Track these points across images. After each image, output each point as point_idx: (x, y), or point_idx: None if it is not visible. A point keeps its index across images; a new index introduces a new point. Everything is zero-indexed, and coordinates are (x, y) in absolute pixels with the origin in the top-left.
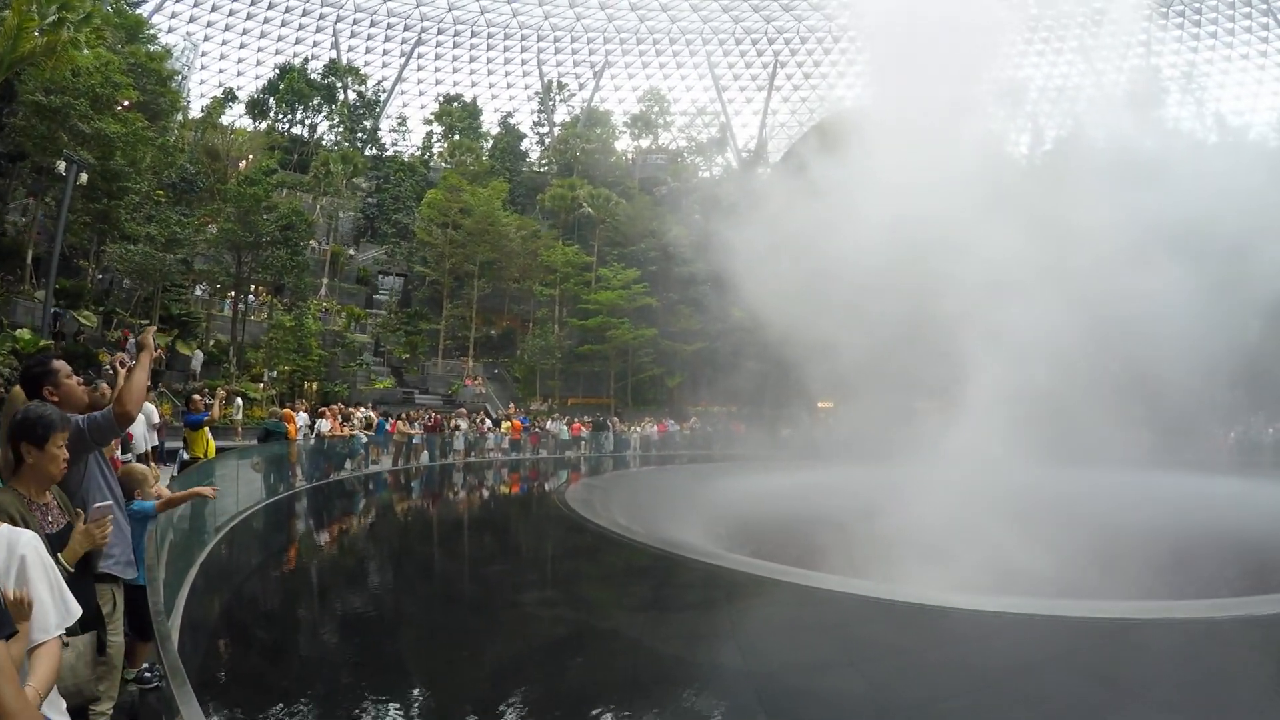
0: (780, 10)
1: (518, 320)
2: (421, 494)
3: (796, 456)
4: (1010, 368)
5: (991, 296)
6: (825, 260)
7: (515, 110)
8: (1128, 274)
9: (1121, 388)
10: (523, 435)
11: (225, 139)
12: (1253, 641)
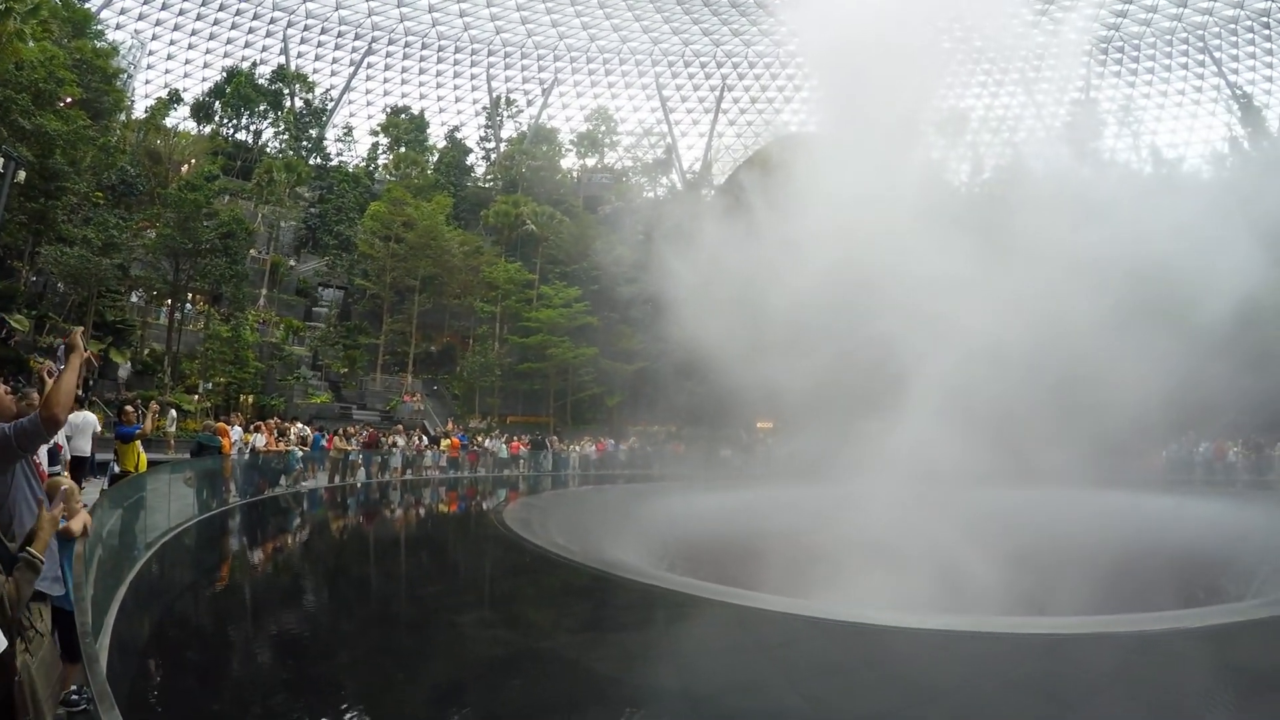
0: (729, 35)
1: (458, 337)
2: (358, 512)
3: (736, 476)
4: (946, 387)
5: (928, 317)
6: (764, 284)
7: (463, 124)
8: (1064, 298)
9: (1057, 408)
10: (461, 453)
11: (168, 142)
12: (1186, 653)
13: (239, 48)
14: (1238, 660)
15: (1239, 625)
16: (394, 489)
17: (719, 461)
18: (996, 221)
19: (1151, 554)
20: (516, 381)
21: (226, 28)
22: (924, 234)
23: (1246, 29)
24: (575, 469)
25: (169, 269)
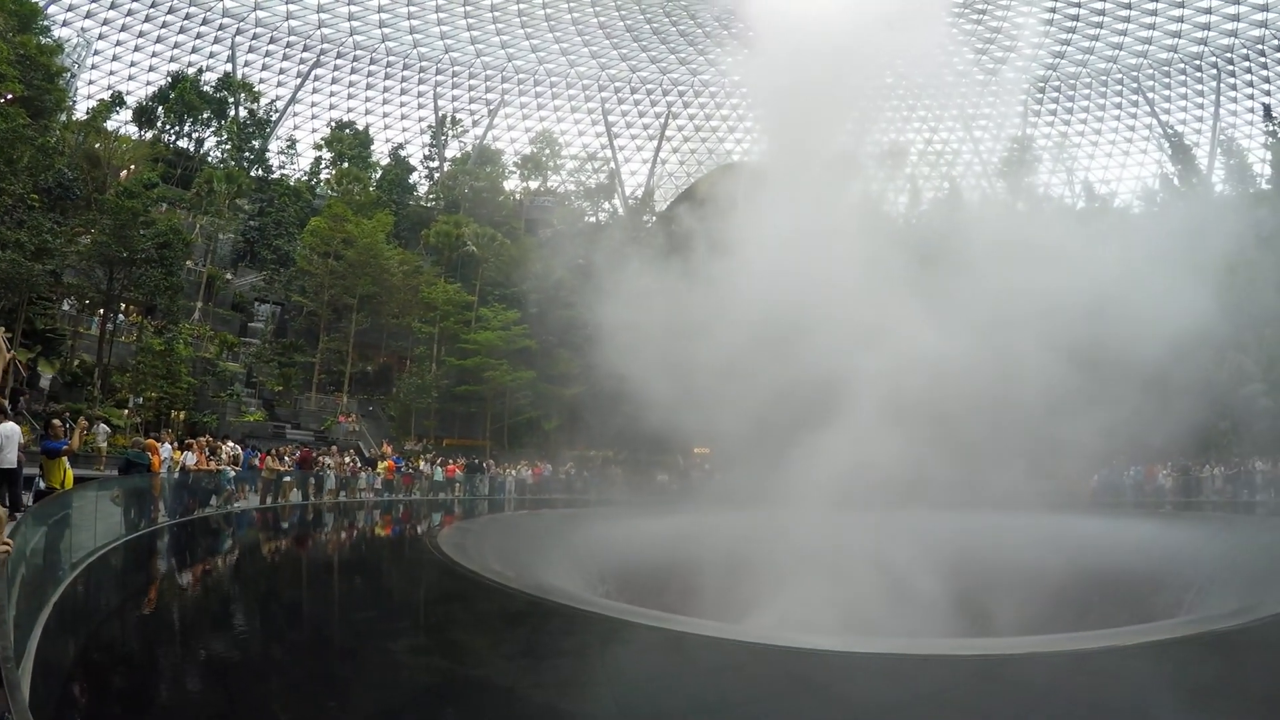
0: (676, 63)
1: (395, 357)
2: (290, 534)
3: (672, 502)
4: (878, 414)
5: (862, 346)
6: (701, 314)
7: (407, 142)
8: (999, 330)
9: (991, 434)
10: (396, 475)
11: (108, 145)
12: (1121, 671)
13: (185, 52)
14: (1170, 677)
15: (1172, 642)
16: (328, 511)
17: (656, 487)
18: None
19: (1086, 574)
20: (453, 404)
21: (174, 31)
22: (859, 265)
23: (1179, 71)
24: (511, 493)
25: (103, 277)
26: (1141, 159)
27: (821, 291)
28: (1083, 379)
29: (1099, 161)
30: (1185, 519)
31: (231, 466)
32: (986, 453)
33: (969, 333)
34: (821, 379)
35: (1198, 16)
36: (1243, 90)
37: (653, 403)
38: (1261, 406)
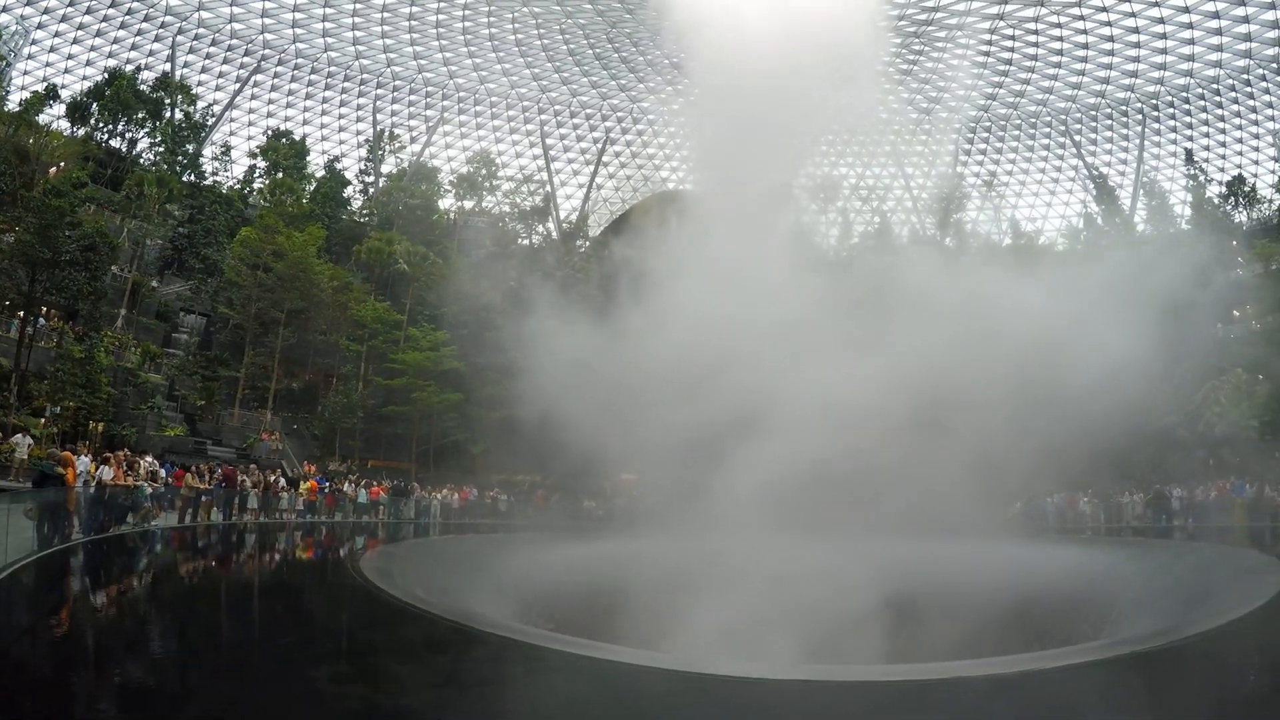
0: (617, 89)
1: (321, 375)
2: (208, 555)
3: (599, 528)
4: (804, 441)
5: (784, 380)
6: (628, 341)
7: (344, 155)
8: (925, 360)
9: (915, 462)
10: (319, 496)
11: (39, 140)
12: (1041, 693)
13: (125, 49)
14: (1094, 698)
15: (1095, 664)
16: (248, 532)
17: (583, 512)
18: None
19: (1010, 599)
20: (379, 424)
21: (115, 25)
22: (787, 296)
23: (1106, 115)
24: (437, 517)
25: (24, 279)
26: (1067, 199)
27: (747, 322)
28: (1006, 411)
29: (1026, 200)
30: (1106, 544)
31: (150, 483)
32: (911, 480)
33: (895, 362)
34: (745, 409)
35: (1126, 64)
36: (1166, 135)
37: (580, 429)
38: (1178, 437)
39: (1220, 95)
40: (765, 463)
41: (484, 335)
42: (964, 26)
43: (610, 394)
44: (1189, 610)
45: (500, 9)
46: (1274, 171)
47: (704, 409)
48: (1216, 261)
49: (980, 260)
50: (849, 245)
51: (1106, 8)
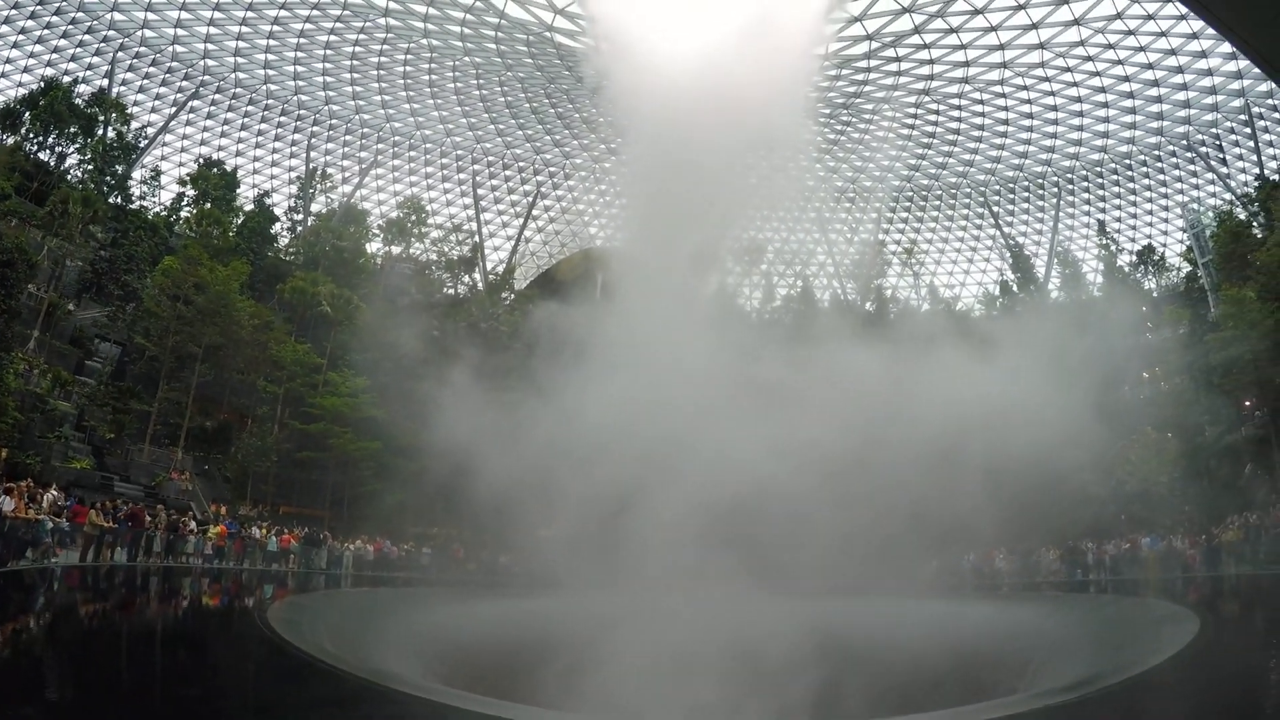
0: (550, 144)
1: (236, 415)
2: (110, 597)
3: (514, 583)
4: (719, 499)
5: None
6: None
7: (274, 190)
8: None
9: (831, 521)
10: (228, 542)
11: None
12: None
13: (64, 59)
14: None
15: (1012, 718)
16: (153, 575)
17: (499, 568)
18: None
19: (928, 655)
20: (294, 470)
21: (57, 34)
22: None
23: (1023, 188)
24: (349, 568)
25: None
26: (985, 267)
27: (664, 384)
28: (922, 472)
29: (945, 268)
30: (1023, 599)
31: (52, 517)
32: (827, 540)
33: (812, 424)
34: (660, 469)
35: (1044, 140)
36: (1080, 207)
37: (496, 485)
38: (1091, 494)
39: (1132, 170)
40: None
41: (405, 384)
42: (890, 100)
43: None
44: (1106, 661)
45: (442, 56)
46: (1182, 241)
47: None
48: (1127, 327)
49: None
50: (771, 307)
51: (1027, 86)
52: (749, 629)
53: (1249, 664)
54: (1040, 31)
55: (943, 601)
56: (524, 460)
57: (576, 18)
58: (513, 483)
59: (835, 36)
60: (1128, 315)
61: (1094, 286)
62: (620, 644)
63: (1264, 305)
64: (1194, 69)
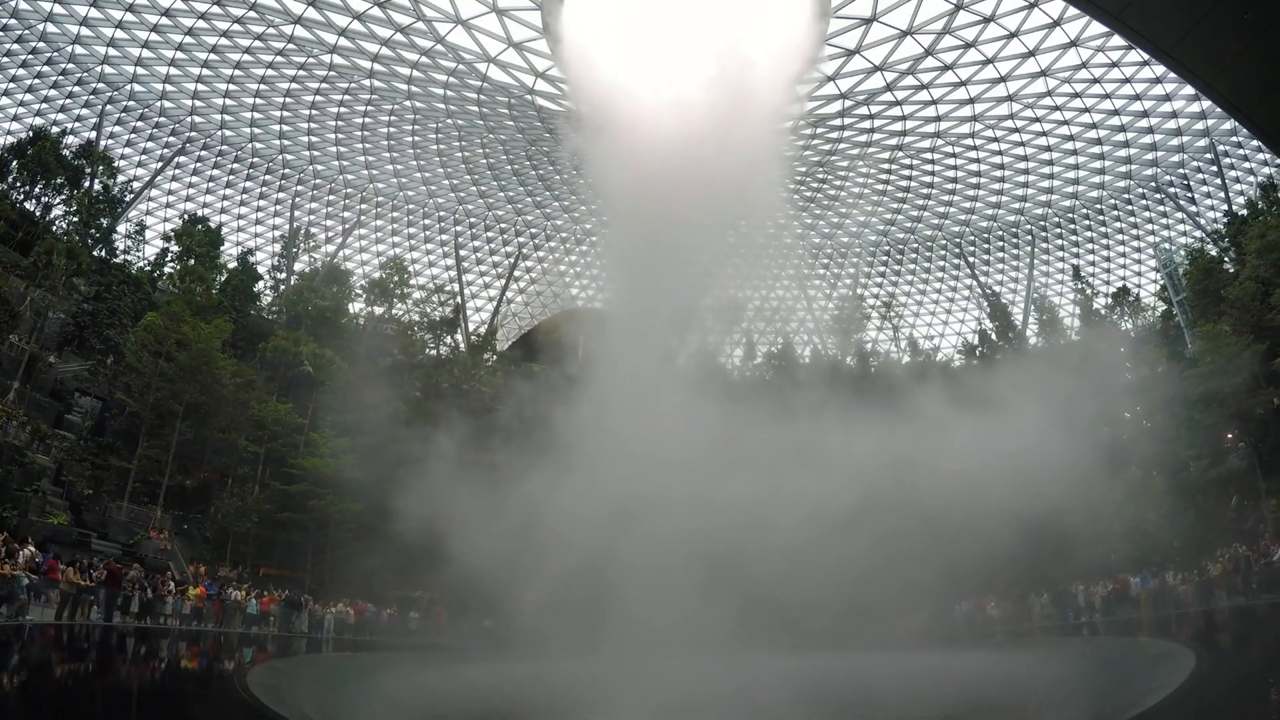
0: (532, 205)
1: (217, 474)
2: (86, 657)
3: (497, 648)
4: (712, 564)
5: (680, 506)
6: (529, 465)
7: (258, 248)
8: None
9: (824, 579)
10: (207, 603)
11: None
12: None
13: (54, 109)
14: None
15: None
16: (130, 635)
17: (482, 632)
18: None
19: (925, 706)
20: (274, 531)
21: (47, 84)
22: (687, 419)
23: (998, 238)
24: (330, 632)
25: None
26: (963, 316)
27: (648, 449)
28: (912, 526)
29: (923, 319)
30: (1017, 646)
31: (28, 574)
32: (823, 596)
33: (802, 485)
34: (646, 531)
35: (1016, 190)
36: (1054, 254)
37: (480, 548)
38: (1079, 536)
39: (1104, 214)
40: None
41: (387, 445)
42: (865, 157)
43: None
44: (1105, 703)
45: (425, 118)
46: (1155, 281)
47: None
48: (1107, 368)
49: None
50: (752, 364)
51: (997, 138)
52: (746, 686)
53: (1247, 697)
54: (1008, 84)
55: (937, 652)
56: (506, 524)
57: (557, 81)
58: (495, 547)
59: (809, 96)
60: (1106, 357)
61: (1072, 331)
62: (607, 711)
63: (1239, 338)
64: (1159, 112)
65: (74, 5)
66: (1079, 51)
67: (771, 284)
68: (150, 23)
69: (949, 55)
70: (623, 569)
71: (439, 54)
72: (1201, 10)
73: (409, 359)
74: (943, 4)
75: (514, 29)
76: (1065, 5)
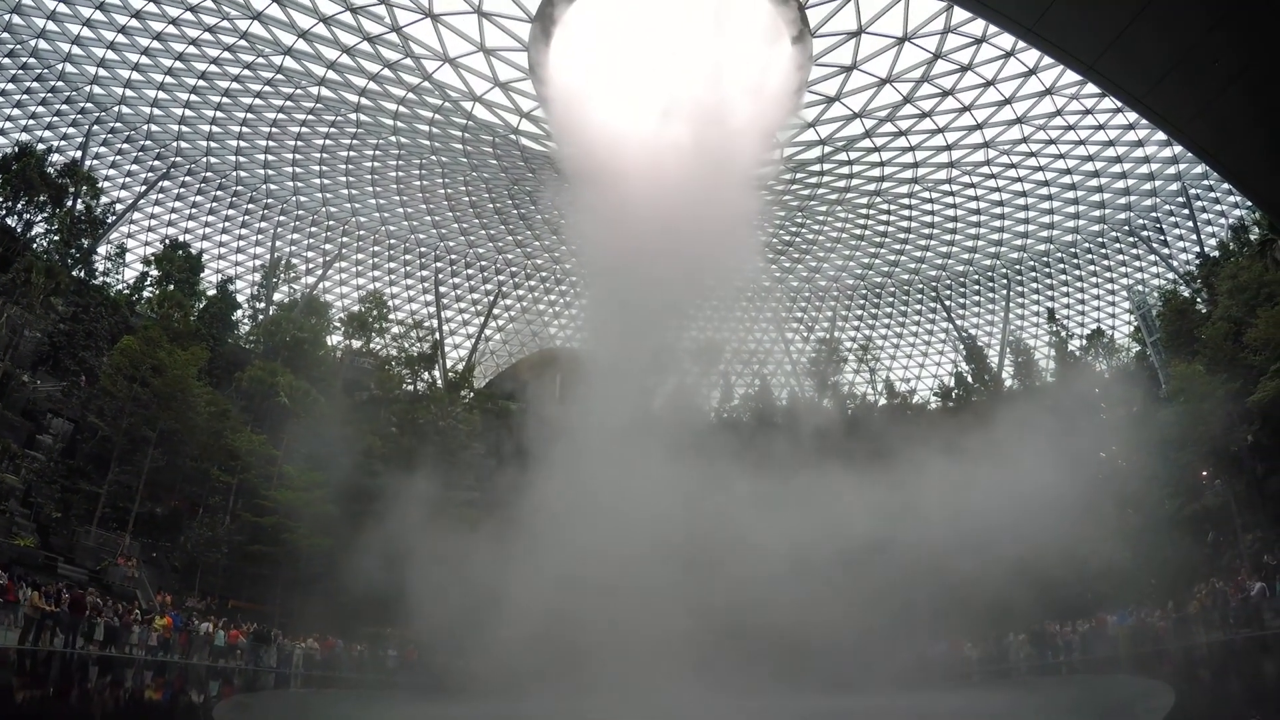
0: (513, 244)
1: (187, 503)
2: (47, 684)
3: (474, 687)
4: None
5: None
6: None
7: (238, 277)
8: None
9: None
10: (174, 634)
11: None
12: None
13: (40, 125)
14: None
15: None
16: (93, 663)
17: (457, 670)
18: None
19: None
20: (245, 563)
21: (35, 100)
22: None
23: (974, 282)
24: (299, 667)
25: None
26: (939, 359)
27: (618, 490)
28: (889, 571)
29: (900, 362)
30: (995, 686)
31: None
32: (796, 637)
33: (774, 529)
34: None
35: (992, 234)
36: (1030, 297)
37: (450, 586)
38: (1055, 577)
39: (1078, 257)
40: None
41: (361, 481)
42: (843, 202)
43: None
44: None
45: (410, 153)
46: (1129, 322)
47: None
48: (1081, 409)
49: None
50: (730, 406)
51: (974, 184)
52: None
53: None
54: (985, 131)
55: (914, 693)
56: (478, 563)
57: (541, 122)
58: (466, 586)
59: (789, 141)
60: (1082, 398)
61: (1047, 373)
62: None
63: (1212, 377)
64: (1131, 157)
65: (67, 24)
66: (1054, 99)
67: (750, 326)
68: (142, 45)
69: (927, 103)
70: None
71: (426, 91)
72: (1172, 60)
73: (385, 394)
74: (922, 53)
75: (501, 69)
76: (1040, 55)
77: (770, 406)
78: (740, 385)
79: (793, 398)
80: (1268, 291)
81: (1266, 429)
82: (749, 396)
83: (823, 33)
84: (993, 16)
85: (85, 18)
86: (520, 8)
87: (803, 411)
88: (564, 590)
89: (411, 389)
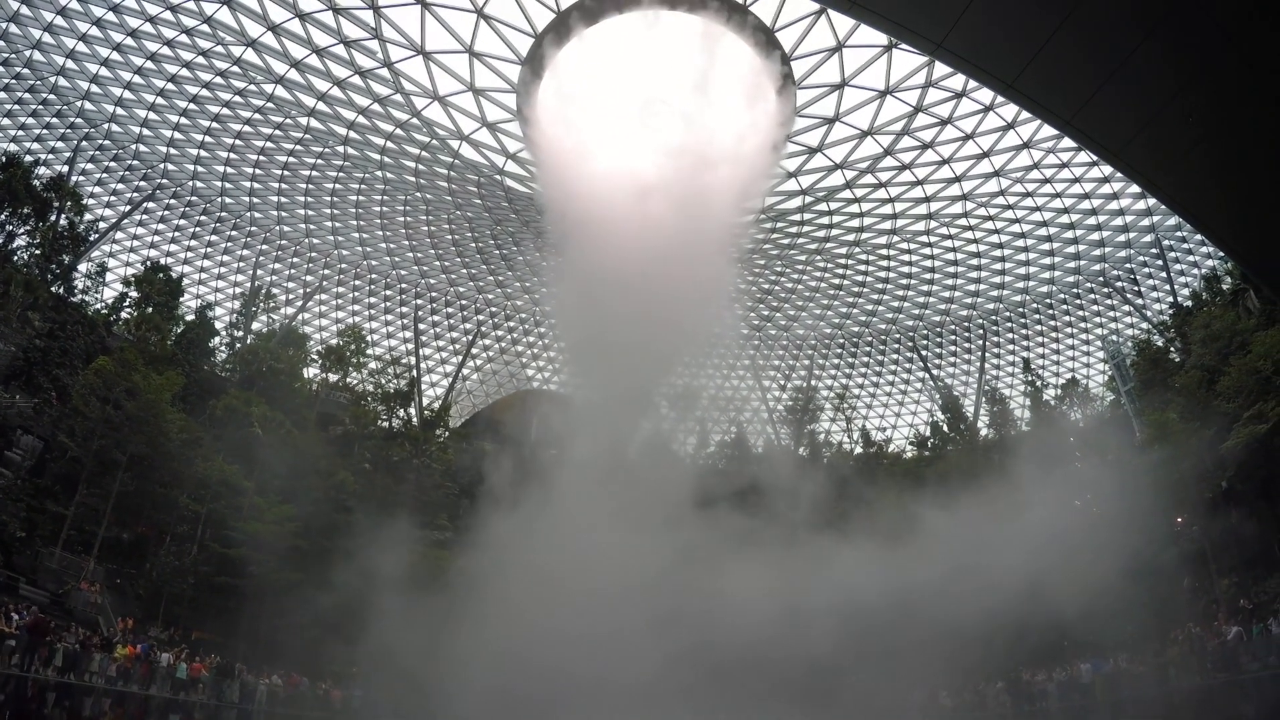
0: (493, 283)
1: (155, 530)
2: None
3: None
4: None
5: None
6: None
7: (217, 303)
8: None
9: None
10: (135, 664)
11: None
12: None
13: (29, 137)
14: None
15: None
16: (50, 689)
17: (432, 709)
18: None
19: None
20: (211, 594)
21: (25, 111)
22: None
23: (950, 332)
24: (263, 704)
25: None
26: (915, 409)
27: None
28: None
29: (876, 411)
30: None
31: None
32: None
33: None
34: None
35: (968, 285)
36: (1005, 347)
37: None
38: (1031, 624)
39: (1054, 308)
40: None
41: (333, 516)
42: (822, 251)
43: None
44: None
45: (395, 189)
46: (1104, 372)
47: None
48: (1057, 457)
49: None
50: (706, 452)
51: (951, 235)
52: None
53: None
54: (963, 184)
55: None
56: (448, 604)
57: (527, 164)
58: (436, 626)
59: (770, 191)
60: (1056, 447)
61: (1022, 422)
62: None
63: (1186, 425)
64: (1106, 210)
65: (62, 37)
66: (1031, 153)
67: (727, 373)
68: (135, 65)
69: (907, 155)
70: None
71: (414, 127)
72: (1147, 116)
73: (360, 429)
74: (903, 106)
75: (489, 109)
76: (1019, 110)
77: (746, 454)
78: (716, 432)
79: (769, 445)
80: (1240, 340)
81: (1240, 475)
82: (725, 443)
83: (807, 84)
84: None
85: (82, 33)
86: (511, 50)
87: (779, 460)
88: (532, 638)
89: (387, 425)
